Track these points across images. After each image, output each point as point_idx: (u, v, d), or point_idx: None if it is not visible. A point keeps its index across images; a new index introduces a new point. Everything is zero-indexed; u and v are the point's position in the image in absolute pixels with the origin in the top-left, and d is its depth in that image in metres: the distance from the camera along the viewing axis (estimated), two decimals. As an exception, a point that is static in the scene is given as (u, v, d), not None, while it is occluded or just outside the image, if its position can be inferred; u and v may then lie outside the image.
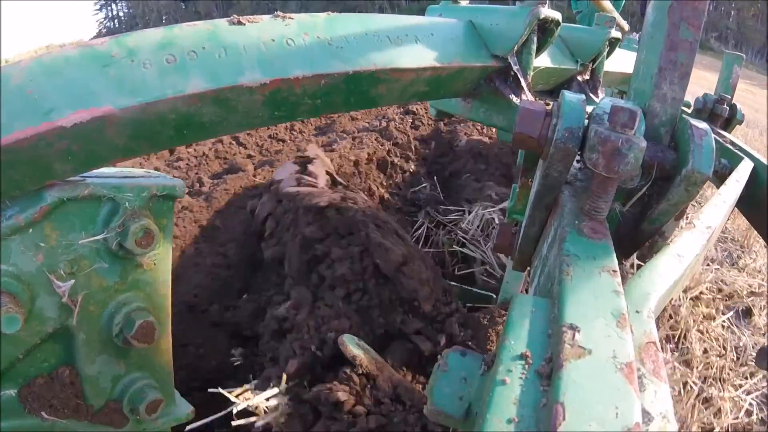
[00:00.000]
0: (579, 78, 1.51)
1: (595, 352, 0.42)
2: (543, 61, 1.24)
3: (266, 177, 3.14)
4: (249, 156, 4.00)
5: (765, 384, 1.99)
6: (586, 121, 0.66)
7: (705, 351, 2.13)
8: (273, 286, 2.15)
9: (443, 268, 2.69)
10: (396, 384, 1.50)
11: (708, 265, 2.85)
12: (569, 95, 0.70)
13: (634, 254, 0.87)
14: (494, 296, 2.41)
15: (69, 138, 0.58)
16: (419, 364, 1.81)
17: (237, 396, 1.44)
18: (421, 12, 1.25)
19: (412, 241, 2.18)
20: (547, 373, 0.42)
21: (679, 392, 1.87)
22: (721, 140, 1.26)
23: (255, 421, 1.40)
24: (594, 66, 1.52)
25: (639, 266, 0.82)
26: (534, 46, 1.10)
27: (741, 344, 2.24)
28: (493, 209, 2.93)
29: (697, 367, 2.02)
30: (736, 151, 1.18)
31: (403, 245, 1.84)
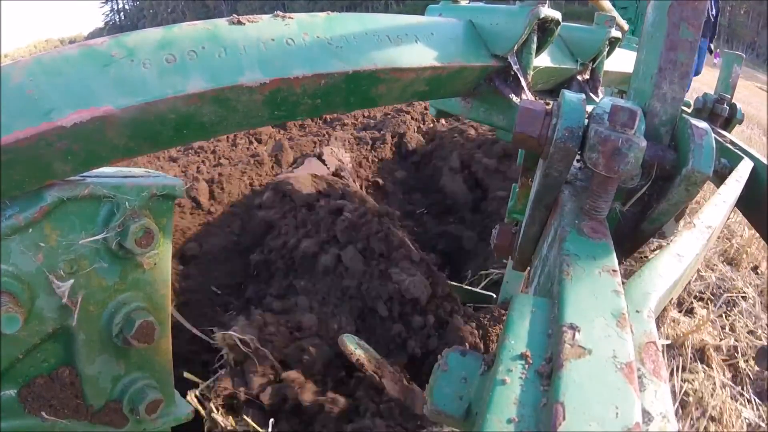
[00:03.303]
0: (579, 77, 1.51)
1: (595, 352, 0.42)
2: (543, 60, 1.24)
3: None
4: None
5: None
6: (586, 121, 0.66)
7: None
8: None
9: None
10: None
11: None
12: (569, 95, 0.70)
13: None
14: (494, 296, 2.41)
15: (69, 138, 0.58)
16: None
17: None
18: (423, 11, 1.25)
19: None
20: (547, 372, 0.42)
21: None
22: (721, 140, 1.26)
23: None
24: (594, 65, 1.52)
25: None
26: (534, 46, 1.10)
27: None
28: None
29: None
30: (736, 150, 1.18)
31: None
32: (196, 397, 1.47)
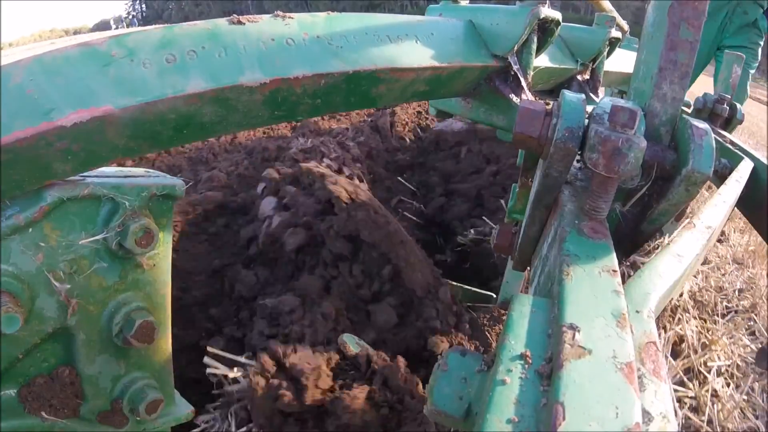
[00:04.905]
0: (579, 78, 1.51)
1: (595, 352, 0.42)
2: (543, 60, 1.24)
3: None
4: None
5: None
6: (586, 121, 0.66)
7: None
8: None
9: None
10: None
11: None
12: (569, 95, 0.70)
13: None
14: (494, 296, 2.41)
15: (69, 138, 0.58)
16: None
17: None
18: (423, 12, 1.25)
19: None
20: (547, 373, 0.42)
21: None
22: (721, 140, 1.26)
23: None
24: (594, 66, 1.52)
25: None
26: (534, 46, 1.10)
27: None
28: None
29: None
30: (736, 150, 1.18)
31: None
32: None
